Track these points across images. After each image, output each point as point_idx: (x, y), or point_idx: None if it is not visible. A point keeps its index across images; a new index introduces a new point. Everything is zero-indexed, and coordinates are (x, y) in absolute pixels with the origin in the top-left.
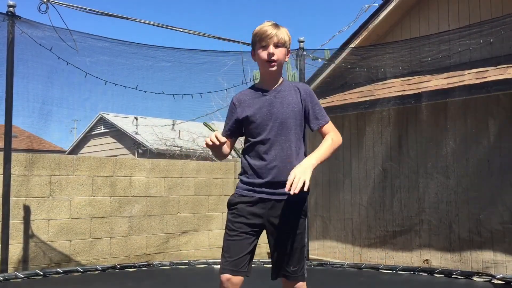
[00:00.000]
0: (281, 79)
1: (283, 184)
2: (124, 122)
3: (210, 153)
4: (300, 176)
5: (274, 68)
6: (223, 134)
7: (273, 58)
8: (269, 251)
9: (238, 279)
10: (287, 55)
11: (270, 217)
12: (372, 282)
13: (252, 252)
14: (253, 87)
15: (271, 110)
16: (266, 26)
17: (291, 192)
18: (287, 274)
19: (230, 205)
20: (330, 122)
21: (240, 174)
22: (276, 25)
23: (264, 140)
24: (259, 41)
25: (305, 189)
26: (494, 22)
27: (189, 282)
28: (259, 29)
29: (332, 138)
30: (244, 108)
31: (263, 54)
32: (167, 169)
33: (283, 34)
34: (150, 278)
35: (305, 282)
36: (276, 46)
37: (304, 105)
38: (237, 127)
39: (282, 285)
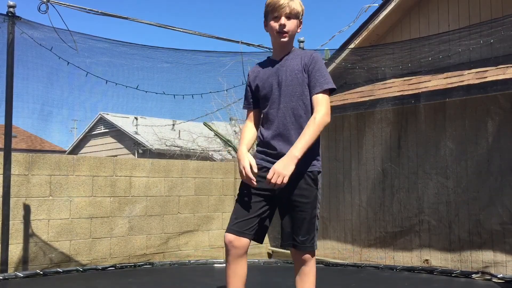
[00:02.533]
0: (292, 48)
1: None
2: (124, 122)
3: (210, 153)
4: (279, 174)
5: (286, 39)
6: (246, 107)
7: (284, 29)
8: (270, 250)
9: (242, 241)
10: (299, 27)
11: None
12: (372, 281)
13: (261, 216)
14: (267, 59)
15: (277, 79)
16: None
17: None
18: (295, 243)
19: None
20: (325, 95)
21: (257, 144)
22: None
23: (271, 109)
24: (271, 11)
25: (284, 182)
26: (494, 23)
27: (189, 282)
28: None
29: (316, 118)
30: (255, 80)
31: (275, 25)
32: (167, 169)
33: (295, 4)
34: (150, 278)
35: (314, 253)
36: (288, 17)
37: (307, 71)
38: (256, 98)
39: (291, 255)
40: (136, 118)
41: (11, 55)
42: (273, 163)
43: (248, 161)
